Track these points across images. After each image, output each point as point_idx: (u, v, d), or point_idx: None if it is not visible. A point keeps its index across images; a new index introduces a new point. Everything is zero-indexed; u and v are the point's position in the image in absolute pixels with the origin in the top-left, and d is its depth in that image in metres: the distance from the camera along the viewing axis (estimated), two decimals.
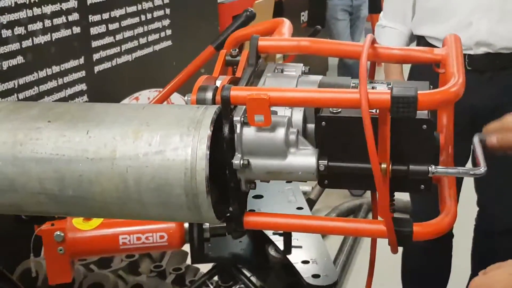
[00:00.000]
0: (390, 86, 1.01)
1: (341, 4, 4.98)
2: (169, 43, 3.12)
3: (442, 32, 1.93)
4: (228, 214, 1.00)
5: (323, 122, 0.94)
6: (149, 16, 2.94)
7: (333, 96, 0.91)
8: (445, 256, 2.36)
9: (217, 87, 0.98)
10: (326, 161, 0.93)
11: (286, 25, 1.19)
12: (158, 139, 0.90)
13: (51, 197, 0.94)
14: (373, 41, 1.05)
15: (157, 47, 3.04)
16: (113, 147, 0.91)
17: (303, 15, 5.23)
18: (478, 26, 1.91)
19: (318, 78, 1.08)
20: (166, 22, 3.00)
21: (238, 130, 0.92)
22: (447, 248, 2.35)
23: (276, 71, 1.09)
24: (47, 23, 2.46)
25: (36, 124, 0.94)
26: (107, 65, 2.82)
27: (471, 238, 2.44)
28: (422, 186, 0.94)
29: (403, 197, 1.93)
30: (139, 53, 2.96)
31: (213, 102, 0.97)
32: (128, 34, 2.87)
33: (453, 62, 0.98)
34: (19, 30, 2.34)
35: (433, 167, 0.91)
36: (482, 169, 0.94)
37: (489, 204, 2.30)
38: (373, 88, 1.02)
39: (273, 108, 0.95)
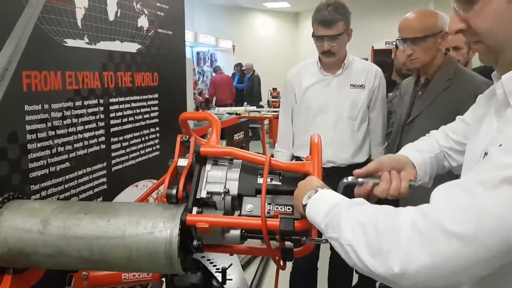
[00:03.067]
0: (280, 177, 0.99)
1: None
2: (157, 153, 3.11)
3: (307, 155, 2.03)
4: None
5: None
6: (146, 138, 2.94)
7: (247, 222, 0.93)
8: (312, 277, 2.29)
9: (178, 188, 0.94)
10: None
11: (217, 123, 1.10)
12: (150, 225, 0.91)
13: (84, 259, 0.92)
14: (272, 155, 1.00)
15: (150, 155, 3.01)
16: (123, 229, 0.91)
17: (237, 135, 5.19)
18: (327, 152, 1.94)
19: (239, 166, 1.01)
20: (157, 141, 3.00)
21: (193, 232, 0.94)
22: (314, 273, 2.27)
23: (212, 163, 1.01)
24: (86, 143, 2.42)
25: (77, 216, 0.93)
26: (120, 166, 2.77)
27: (327, 270, 2.40)
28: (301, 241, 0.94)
29: None
30: (139, 159, 2.92)
31: (177, 195, 0.94)
32: (133, 148, 2.85)
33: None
34: (68, 147, 2.30)
35: (304, 238, 0.94)
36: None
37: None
38: (271, 179, 0.98)
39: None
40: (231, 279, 1.61)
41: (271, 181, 0.98)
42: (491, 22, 0.74)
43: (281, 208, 0.94)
